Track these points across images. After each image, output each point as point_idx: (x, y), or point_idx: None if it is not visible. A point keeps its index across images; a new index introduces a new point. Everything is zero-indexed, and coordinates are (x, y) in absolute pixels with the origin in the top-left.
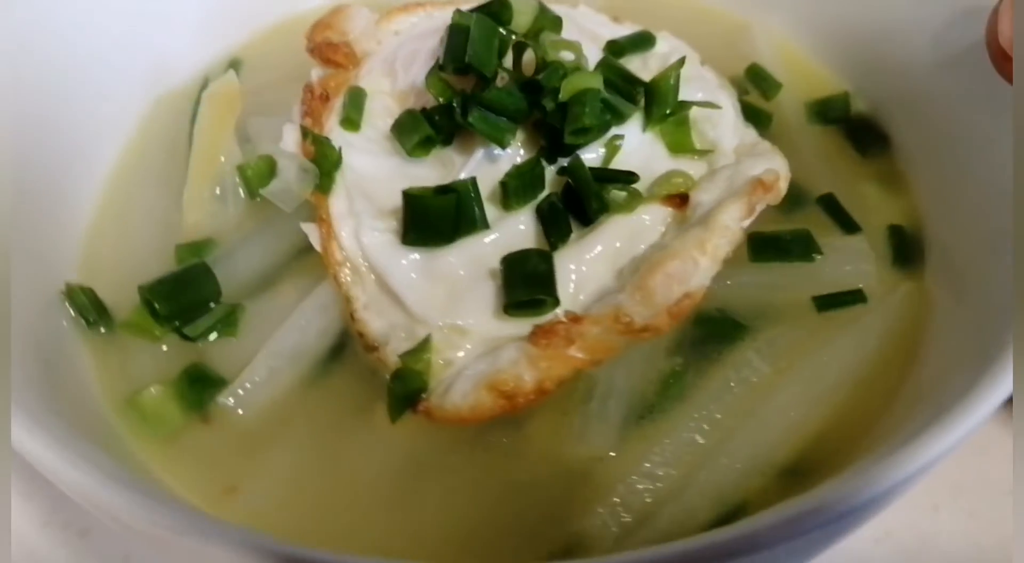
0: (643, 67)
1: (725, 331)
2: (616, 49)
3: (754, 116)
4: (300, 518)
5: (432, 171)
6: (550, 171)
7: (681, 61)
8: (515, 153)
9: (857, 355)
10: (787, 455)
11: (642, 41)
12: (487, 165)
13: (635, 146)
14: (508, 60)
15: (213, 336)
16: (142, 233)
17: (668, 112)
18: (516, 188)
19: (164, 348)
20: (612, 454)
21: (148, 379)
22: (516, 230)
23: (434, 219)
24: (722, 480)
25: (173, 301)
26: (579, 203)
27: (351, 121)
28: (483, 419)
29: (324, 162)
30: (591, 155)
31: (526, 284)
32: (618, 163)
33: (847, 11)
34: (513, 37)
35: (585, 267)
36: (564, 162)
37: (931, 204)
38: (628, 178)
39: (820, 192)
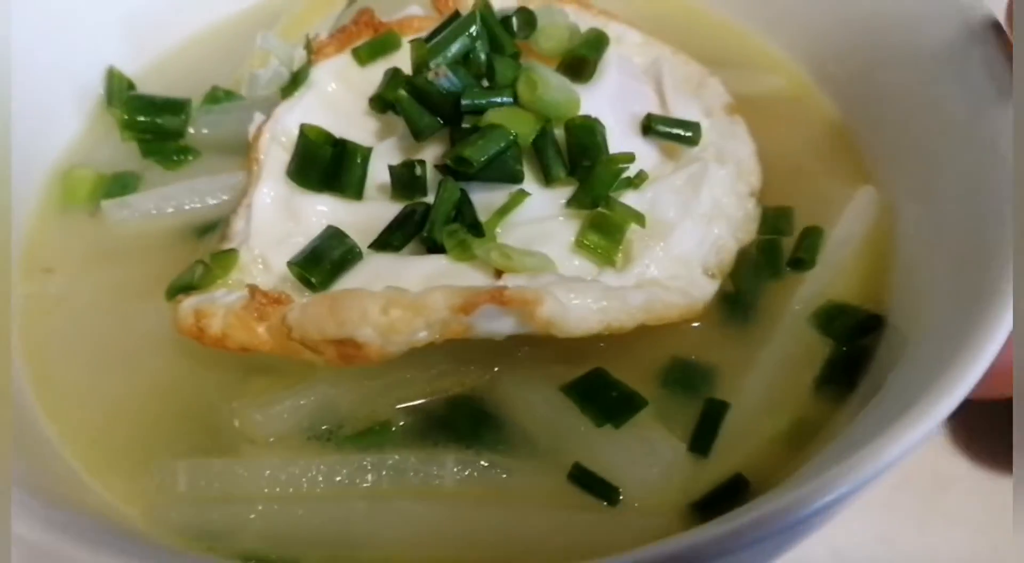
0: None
1: (460, 424)
2: (647, 123)
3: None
4: (64, 323)
5: (375, 130)
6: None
7: (628, 156)
8: (433, 151)
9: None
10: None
11: (683, 130)
12: (404, 150)
13: (545, 215)
14: None
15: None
16: (209, 66)
17: (593, 202)
18: (395, 179)
19: (127, 150)
20: (271, 441)
21: (97, 163)
22: (379, 216)
23: (309, 161)
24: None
25: (138, 115)
26: None
27: (360, 55)
28: (182, 334)
29: (299, 73)
30: (489, 195)
31: (314, 258)
32: (515, 222)
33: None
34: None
35: (373, 281)
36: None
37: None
38: (474, 228)
39: (724, 395)
